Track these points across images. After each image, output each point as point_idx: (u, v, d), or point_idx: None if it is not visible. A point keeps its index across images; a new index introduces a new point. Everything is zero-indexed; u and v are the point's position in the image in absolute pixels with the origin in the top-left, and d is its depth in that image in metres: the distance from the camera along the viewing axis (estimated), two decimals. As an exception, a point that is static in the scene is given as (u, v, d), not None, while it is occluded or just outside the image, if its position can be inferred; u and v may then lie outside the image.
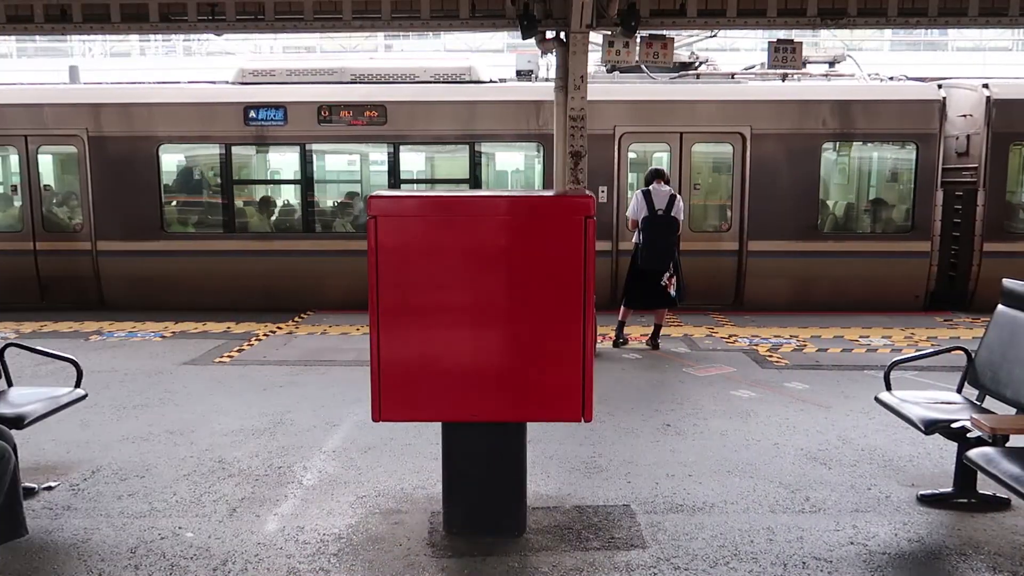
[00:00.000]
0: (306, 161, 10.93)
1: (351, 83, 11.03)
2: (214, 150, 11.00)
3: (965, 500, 4.43)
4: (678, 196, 8.25)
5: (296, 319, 10.19)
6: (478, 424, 3.92)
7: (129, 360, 8.00)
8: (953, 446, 4.45)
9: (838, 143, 11.04)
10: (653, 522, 4.23)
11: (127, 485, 4.76)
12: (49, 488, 4.68)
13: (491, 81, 11.31)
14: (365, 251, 3.71)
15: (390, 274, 3.73)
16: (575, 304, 3.72)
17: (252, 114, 10.66)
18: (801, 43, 8.64)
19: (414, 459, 5.12)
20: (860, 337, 8.95)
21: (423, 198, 4.46)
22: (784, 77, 11.35)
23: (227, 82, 11.39)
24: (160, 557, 3.87)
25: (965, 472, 4.30)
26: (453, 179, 11.53)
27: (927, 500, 4.47)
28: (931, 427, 4.29)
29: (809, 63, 11.55)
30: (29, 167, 10.91)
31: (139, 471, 4.98)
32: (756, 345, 8.56)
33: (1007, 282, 4.71)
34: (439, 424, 4.04)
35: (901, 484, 4.73)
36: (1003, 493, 4.29)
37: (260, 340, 8.97)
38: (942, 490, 4.52)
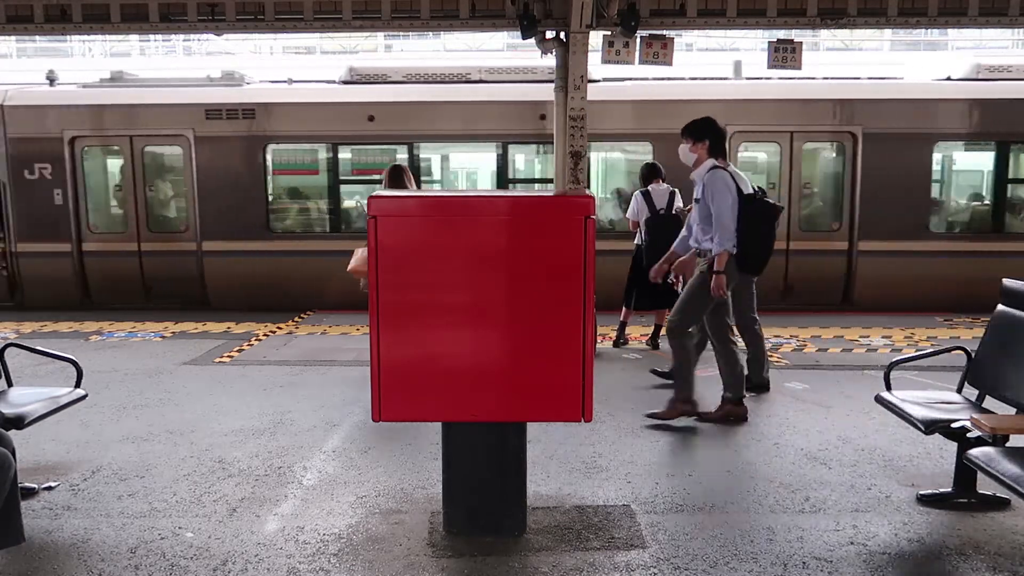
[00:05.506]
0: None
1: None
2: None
3: (965, 500, 4.43)
4: (678, 192, 8.22)
5: (296, 319, 10.20)
6: (478, 424, 3.92)
7: (129, 360, 8.00)
8: (953, 446, 4.45)
9: None
10: (653, 522, 4.23)
11: (127, 485, 4.76)
12: (49, 488, 4.68)
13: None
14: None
15: (390, 274, 3.73)
16: (575, 304, 3.71)
17: None
18: (801, 43, 8.64)
19: (414, 459, 5.12)
20: (860, 337, 8.95)
21: (423, 198, 4.45)
22: None
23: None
24: (160, 557, 3.87)
25: (965, 472, 4.30)
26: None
27: (927, 500, 4.47)
28: (931, 427, 4.29)
29: None
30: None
31: (139, 471, 4.98)
32: (756, 345, 8.54)
33: (1007, 282, 4.70)
34: (439, 424, 4.04)
35: (901, 484, 4.73)
36: (1003, 493, 4.29)
37: (260, 340, 8.97)
38: (942, 490, 4.52)
